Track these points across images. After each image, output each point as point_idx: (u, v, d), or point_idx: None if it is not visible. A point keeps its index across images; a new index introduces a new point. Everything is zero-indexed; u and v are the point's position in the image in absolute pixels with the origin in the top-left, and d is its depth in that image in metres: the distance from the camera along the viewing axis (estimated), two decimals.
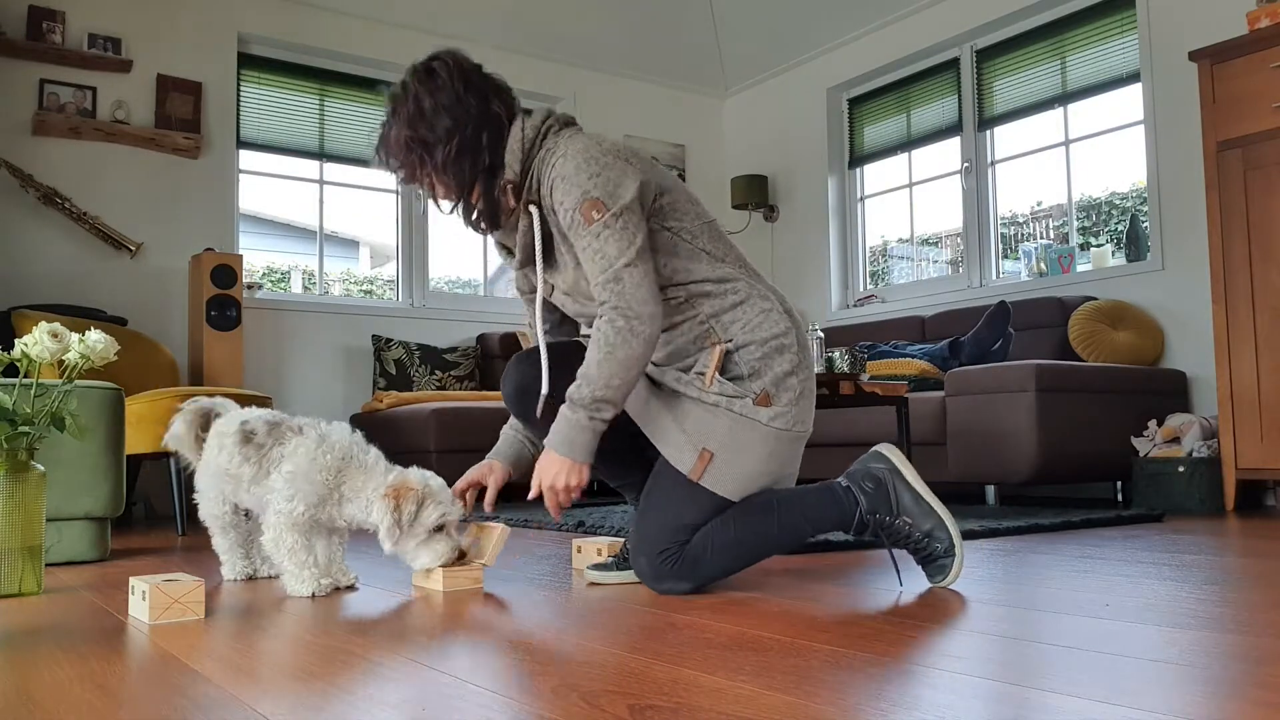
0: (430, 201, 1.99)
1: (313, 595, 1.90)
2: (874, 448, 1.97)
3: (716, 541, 1.82)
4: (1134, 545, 2.55)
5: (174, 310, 4.84)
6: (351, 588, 2.00)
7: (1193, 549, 2.45)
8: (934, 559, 1.87)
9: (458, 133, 1.85)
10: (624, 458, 2.04)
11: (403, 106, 1.89)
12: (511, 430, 2.12)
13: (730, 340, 1.86)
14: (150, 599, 1.61)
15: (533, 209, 1.87)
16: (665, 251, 1.89)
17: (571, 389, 1.80)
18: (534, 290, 2.00)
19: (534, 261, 1.91)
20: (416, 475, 1.94)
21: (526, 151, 1.88)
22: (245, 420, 1.99)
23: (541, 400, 1.92)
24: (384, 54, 5.55)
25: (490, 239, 2.06)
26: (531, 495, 1.86)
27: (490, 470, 2.06)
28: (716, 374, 1.84)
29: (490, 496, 2.03)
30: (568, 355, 1.98)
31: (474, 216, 1.92)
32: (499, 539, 2.06)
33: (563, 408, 1.80)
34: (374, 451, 1.97)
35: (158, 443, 3.70)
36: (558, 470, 1.80)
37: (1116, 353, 4.22)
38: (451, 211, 1.96)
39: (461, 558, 1.97)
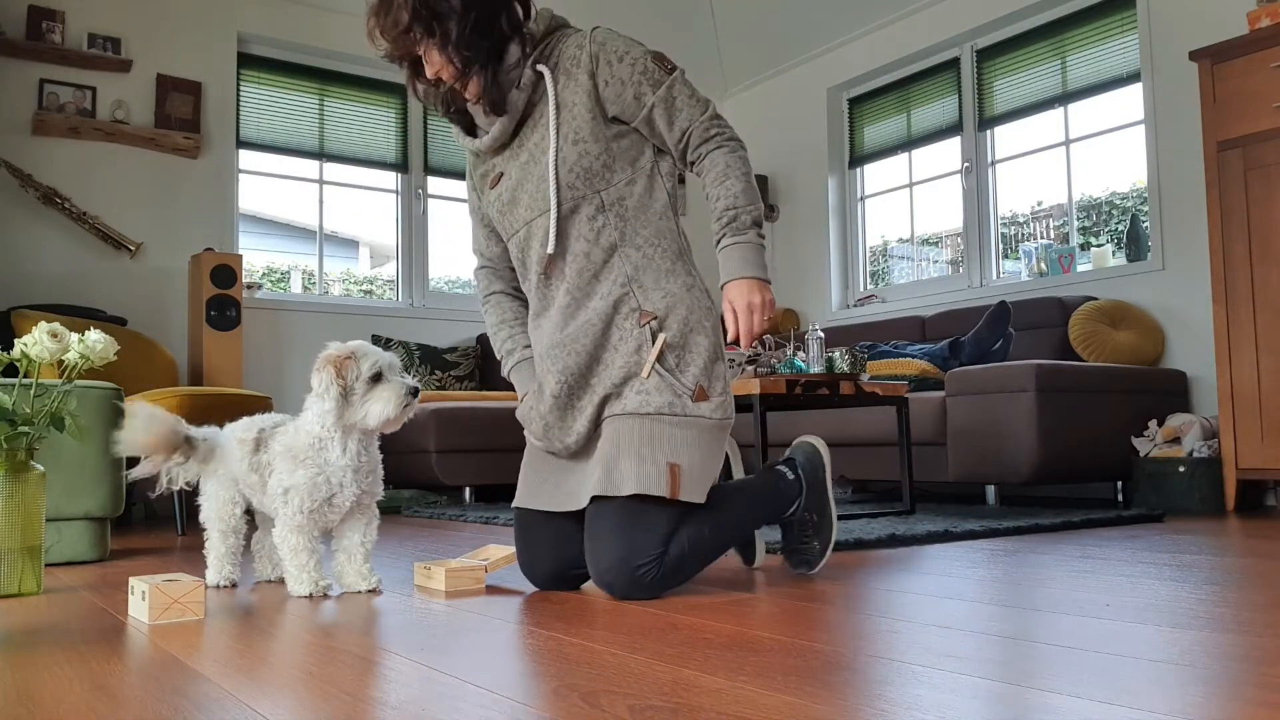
0: (410, 87, 1.89)
1: (309, 595, 1.90)
2: (808, 439, 2.09)
3: (693, 545, 1.80)
4: (1134, 545, 2.55)
5: (174, 310, 4.84)
6: (374, 591, 1.96)
7: (1193, 549, 2.45)
8: (807, 553, 2.05)
9: (476, 5, 1.78)
10: None
11: None
12: (524, 357, 2.04)
13: (655, 316, 1.82)
14: (150, 599, 1.61)
15: (542, 68, 1.84)
16: (641, 170, 1.88)
17: (725, 219, 1.81)
18: (485, 180, 1.97)
19: (523, 127, 1.88)
20: (334, 345, 1.93)
21: (550, 25, 1.88)
22: (263, 429, 1.99)
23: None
24: None
25: (456, 133, 1.98)
26: (733, 332, 1.82)
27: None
28: (655, 364, 1.81)
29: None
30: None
31: (473, 97, 1.84)
32: (510, 556, 2.10)
33: (729, 238, 1.81)
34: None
35: None
36: (750, 289, 1.80)
37: (1117, 353, 4.22)
38: (433, 90, 1.89)
39: (414, 394, 1.91)
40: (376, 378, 1.89)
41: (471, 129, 1.97)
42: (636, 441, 1.78)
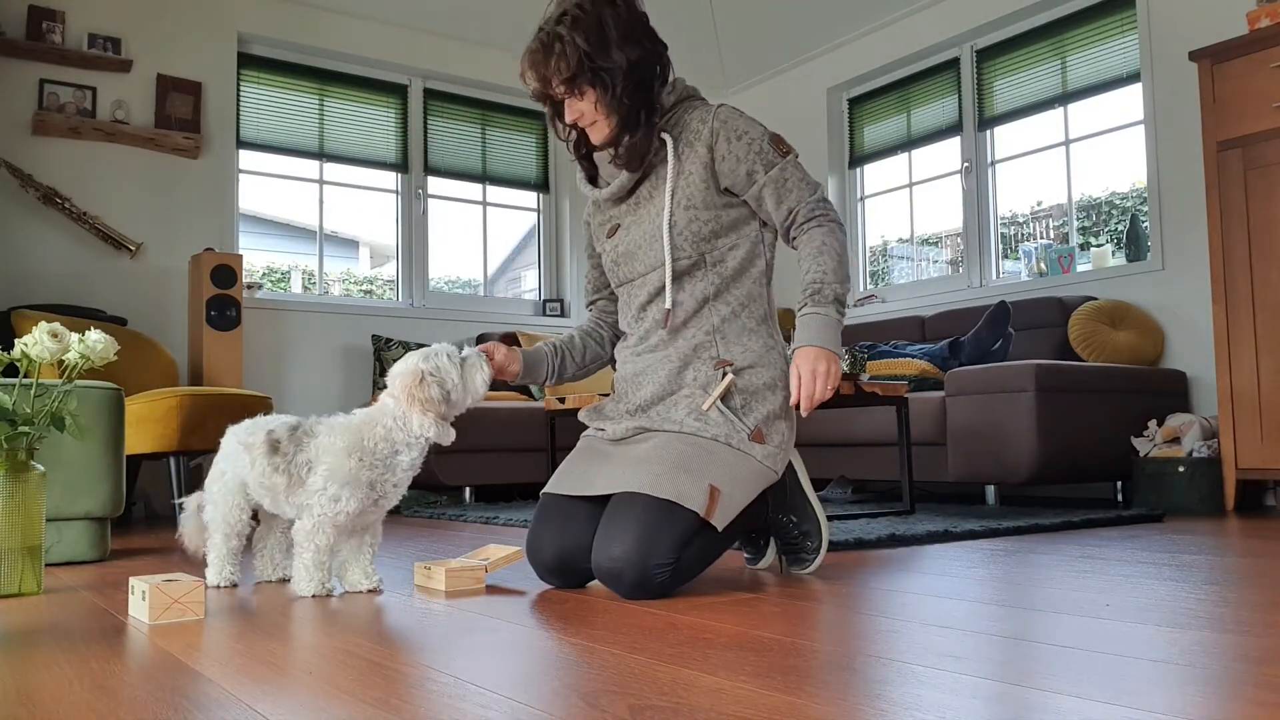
0: (550, 124, 2.03)
1: (313, 595, 1.90)
2: None
3: (699, 556, 1.85)
4: (1134, 545, 2.55)
5: (174, 310, 4.84)
6: (375, 591, 1.97)
7: (1193, 549, 2.45)
8: (800, 553, 2.10)
9: (640, 67, 1.90)
10: None
11: (584, 22, 1.86)
12: (548, 346, 2.16)
13: (731, 364, 1.93)
14: (150, 599, 1.61)
15: (666, 136, 1.96)
16: (746, 238, 2.00)
17: (811, 290, 1.90)
18: (602, 228, 2.10)
19: (632, 191, 2.01)
20: (400, 367, 1.94)
21: (680, 96, 1.99)
22: (271, 430, 1.96)
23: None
24: (384, 54, 5.55)
25: (579, 178, 2.11)
26: (795, 395, 1.86)
27: (508, 352, 2.06)
28: (718, 400, 1.89)
29: (500, 360, 2.03)
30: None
31: (621, 152, 1.95)
32: (510, 556, 2.11)
33: (810, 307, 1.89)
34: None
35: (158, 443, 3.70)
36: (818, 356, 1.86)
37: (1117, 353, 4.22)
38: (574, 134, 2.01)
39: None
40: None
41: (593, 176, 2.10)
42: (686, 454, 1.85)
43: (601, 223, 2.12)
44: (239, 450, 2.00)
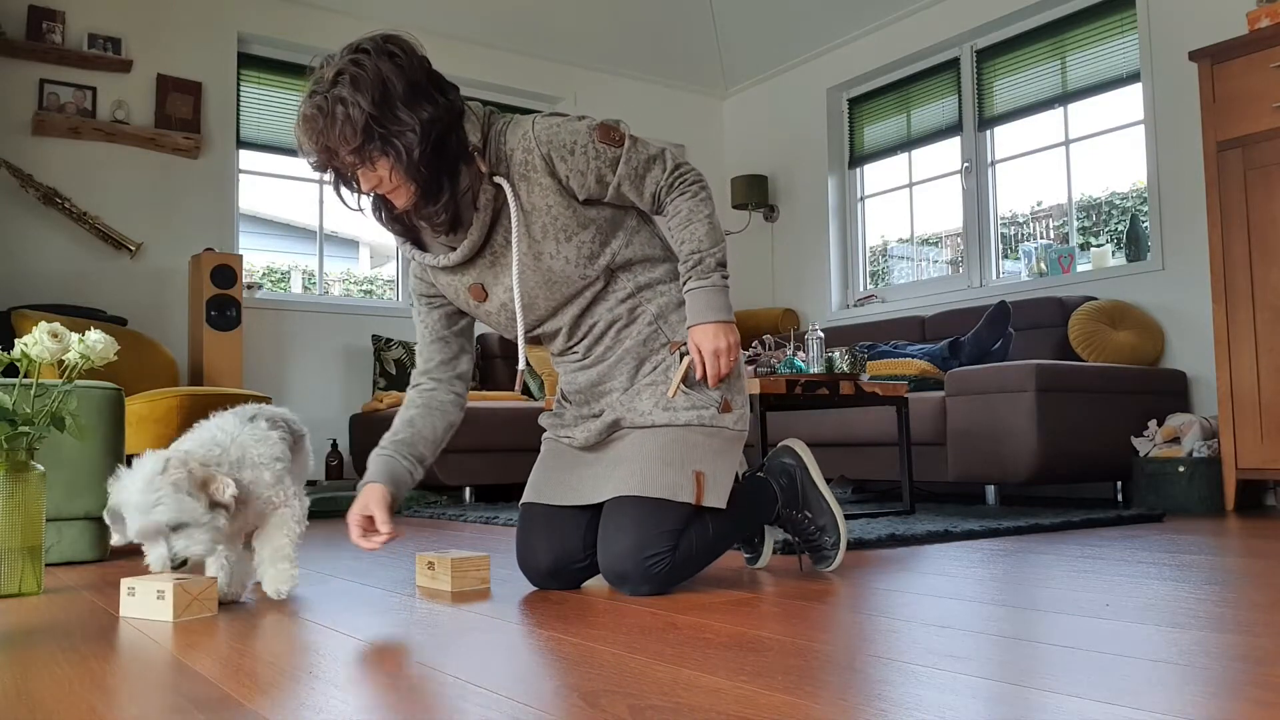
0: (336, 192, 1.80)
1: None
2: (784, 443, 2.14)
3: (700, 543, 1.86)
4: (1134, 545, 2.55)
5: (174, 310, 4.83)
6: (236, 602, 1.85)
7: (1193, 549, 2.45)
8: (820, 549, 2.10)
9: (434, 127, 1.71)
10: None
11: (365, 81, 1.67)
12: (383, 452, 1.95)
13: (683, 343, 1.90)
14: (174, 598, 1.63)
15: (499, 180, 1.80)
16: (629, 228, 1.92)
17: (690, 263, 1.86)
18: (462, 292, 1.92)
19: (492, 236, 1.84)
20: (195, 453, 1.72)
21: (484, 128, 1.82)
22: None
23: (519, 376, 1.95)
24: None
25: (403, 245, 1.93)
26: (699, 374, 1.83)
27: (370, 495, 1.88)
28: (681, 385, 1.87)
29: (382, 517, 1.86)
30: None
31: (430, 215, 1.79)
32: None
33: (694, 281, 1.85)
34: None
35: (158, 443, 3.70)
36: (715, 333, 1.83)
37: (1117, 353, 4.22)
38: (368, 203, 1.82)
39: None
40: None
41: (417, 241, 1.93)
42: (666, 449, 1.85)
43: (458, 289, 1.93)
44: None
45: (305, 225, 6.29)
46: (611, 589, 1.93)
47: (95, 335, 2.06)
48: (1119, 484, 4.22)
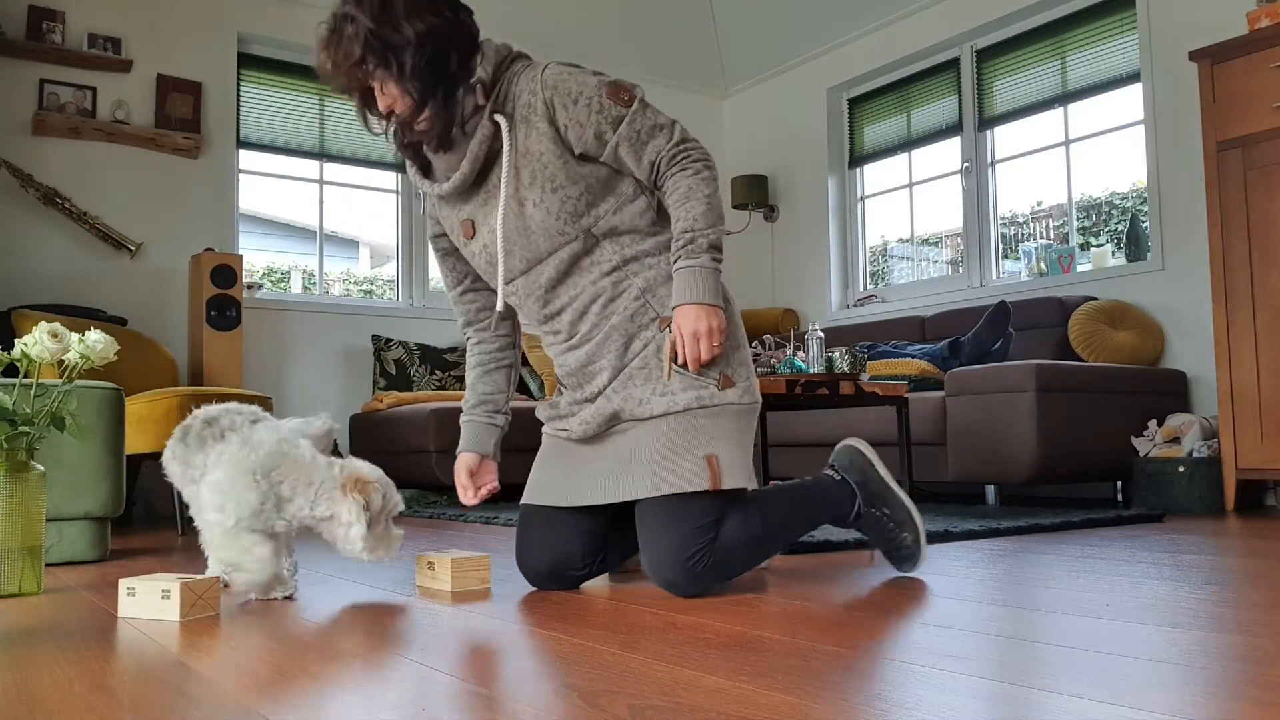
0: (360, 118, 1.82)
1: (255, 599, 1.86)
2: (846, 442, 2.04)
3: (745, 538, 1.80)
4: (1134, 545, 2.55)
5: (174, 310, 4.84)
6: (289, 598, 1.90)
7: (1193, 549, 2.45)
8: (901, 549, 1.99)
9: (430, 39, 1.72)
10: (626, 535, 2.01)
11: (369, 1, 1.72)
12: (465, 419, 2.06)
13: (671, 319, 1.82)
14: (180, 597, 1.63)
15: (499, 118, 1.80)
16: (621, 194, 1.86)
17: (682, 241, 1.79)
18: (456, 227, 1.94)
19: (489, 173, 1.84)
20: (366, 467, 1.90)
21: (498, 64, 1.82)
22: (196, 415, 1.90)
23: (495, 316, 1.97)
24: None
25: (411, 170, 1.95)
26: (680, 358, 1.79)
27: (461, 463, 2.03)
28: (672, 366, 1.81)
29: (463, 481, 2.01)
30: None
31: (423, 130, 1.79)
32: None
33: (683, 260, 1.78)
34: (305, 445, 1.89)
35: (158, 443, 3.70)
36: (697, 315, 1.76)
37: (1117, 353, 4.22)
38: (386, 125, 1.84)
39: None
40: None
41: (426, 167, 1.95)
42: (671, 440, 1.79)
43: (454, 223, 1.95)
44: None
45: (305, 225, 6.29)
46: (611, 588, 1.93)
47: (95, 335, 2.07)
48: (1119, 484, 4.22)
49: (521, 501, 2.01)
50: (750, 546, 1.81)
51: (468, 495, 2.02)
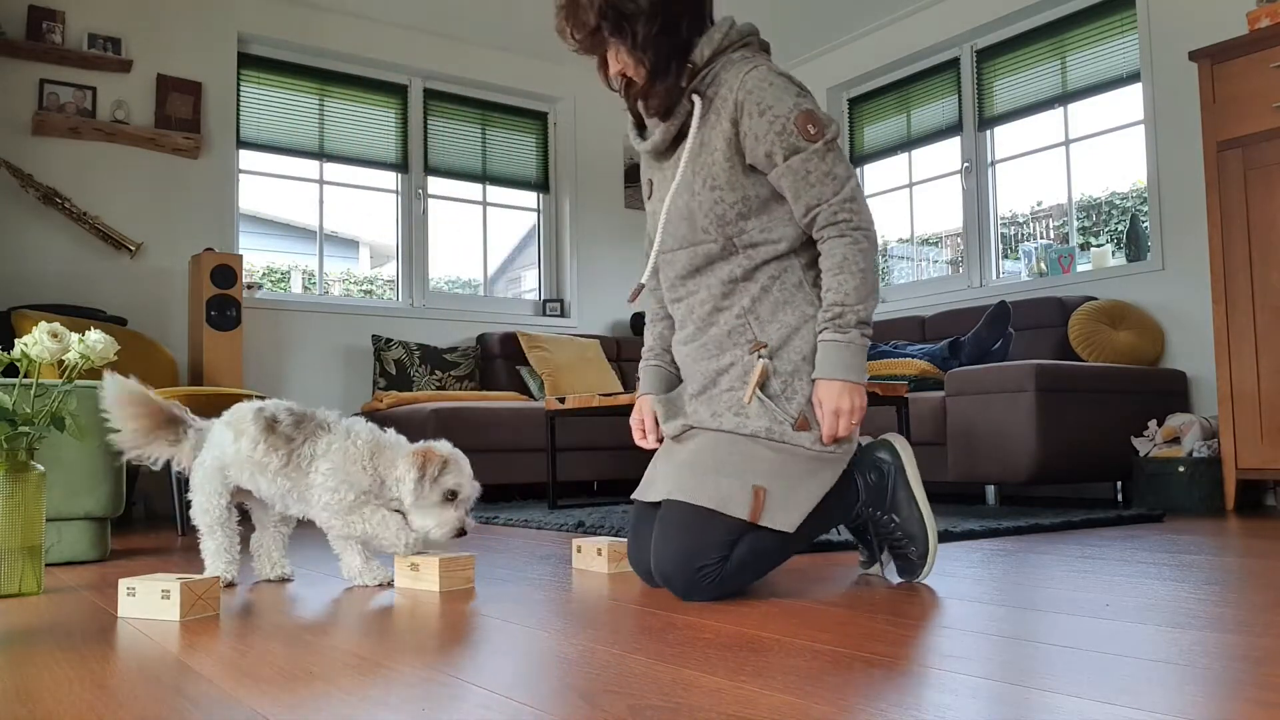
0: (600, 73, 1.91)
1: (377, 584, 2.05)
2: (885, 436, 1.98)
3: (755, 553, 1.77)
4: (1134, 545, 2.55)
5: (174, 310, 4.83)
6: (285, 579, 2.12)
7: (1193, 549, 2.45)
8: (906, 558, 1.93)
9: (663, 10, 1.78)
10: None
11: None
12: (647, 364, 2.08)
13: (765, 346, 1.82)
14: (180, 597, 1.64)
15: (695, 98, 1.84)
16: (776, 216, 1.85)
17: (830, 314, 1.78)
18: (646, 183, 2.02)
19: (672, 149, 1.90)
20: (444, 445, 2.02)
21: (717, 49, 1.84)
22: (262, 408, 2.01)
23: (636, 289, 2.00)
24: (384, 54, 5.55)
25: (631, 124, 2.00)
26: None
27: (643, 405, 2.03)
28: (756, 390, 1.78)
29: (650, 424, 2.00)
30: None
31: (647, 95, 1.84)
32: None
33: (829, 333, 1.77)
34: (391, 431, 2.07)
35: None
36: (840, 392, 1.75)
37: (1117, 353, 4.22)
38: (622, 89, 1.89)
39: (461, 534, 2.01)
40: (451, 495, 2.01)
41: (641, 124, 1.98)
42: (727, 456, 1.78)
43: (647, 180, 2.03)
44: (220, 431, 2.03)
45: (305, 225, 6.29)
46: (612, 589, 1.92)
47: (95, 335, 2.07)
48: (1119, 484, 4.22)
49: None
50: (761, 561, 1.79)
51: (649, 440, 2.00)
